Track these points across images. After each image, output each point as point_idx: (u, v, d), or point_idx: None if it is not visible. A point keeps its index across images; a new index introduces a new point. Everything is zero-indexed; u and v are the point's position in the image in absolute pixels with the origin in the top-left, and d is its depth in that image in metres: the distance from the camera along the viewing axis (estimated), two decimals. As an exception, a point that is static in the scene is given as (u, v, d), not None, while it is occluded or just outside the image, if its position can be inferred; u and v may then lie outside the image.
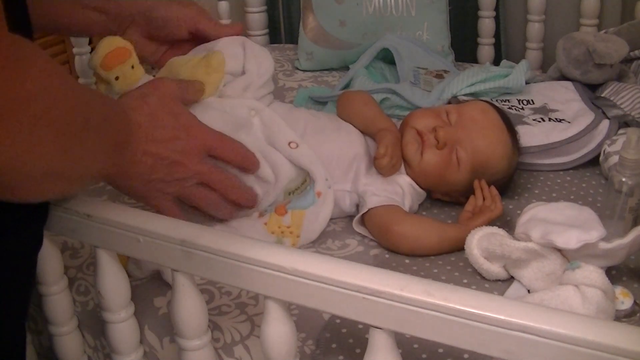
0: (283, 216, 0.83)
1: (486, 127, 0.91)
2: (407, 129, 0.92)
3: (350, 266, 0.55)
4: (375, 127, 0.91)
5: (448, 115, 0.92)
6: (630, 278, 0.78)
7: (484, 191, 0.87)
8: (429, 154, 0.89)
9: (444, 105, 0.97)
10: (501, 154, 0.91)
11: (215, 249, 0.59)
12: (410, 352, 0.68)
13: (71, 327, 0.80)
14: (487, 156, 0.90)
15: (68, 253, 0.88)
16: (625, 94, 1.10)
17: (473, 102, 0.98)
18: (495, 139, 0.91)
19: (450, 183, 0.90)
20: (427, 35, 1.41)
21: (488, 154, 0.90)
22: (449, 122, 0.91)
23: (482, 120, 0.92)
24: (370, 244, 0.87)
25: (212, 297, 0.78)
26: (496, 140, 0.91)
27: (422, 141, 0.90)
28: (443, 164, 0.89)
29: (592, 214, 0.76)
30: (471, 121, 0.91)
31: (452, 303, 0.50)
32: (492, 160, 0.90)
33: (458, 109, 0.94)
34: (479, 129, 0.91)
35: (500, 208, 0.85)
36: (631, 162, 0.80)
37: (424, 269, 0.81)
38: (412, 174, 0.91)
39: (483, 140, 0.90)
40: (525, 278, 0.77)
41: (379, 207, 0.85)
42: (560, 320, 0.48)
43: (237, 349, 0.73)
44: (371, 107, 0.96)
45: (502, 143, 0.91)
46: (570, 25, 1.40)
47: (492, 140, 0.91)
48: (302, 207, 0.84)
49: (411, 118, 0.94)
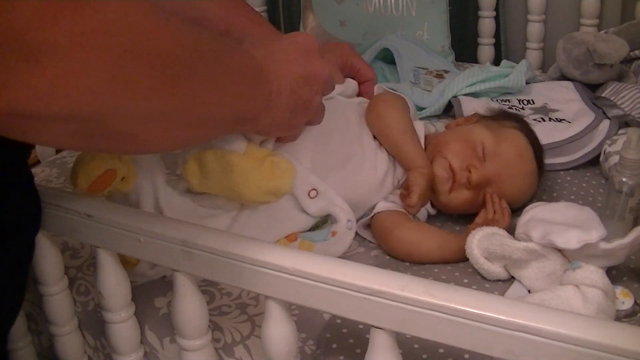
0: (292, 242, 0.81)
1: (519, 173, 0.89)
2: (439, 158, 0.88)
3: (351, 266, 0.55)
4: (409, 164, 0.88)
5: (484, 149, 0.88)
6: (630, 278, 0.78)
7: (494, 204, 0.86)
8: (457, 193, 0.87)
9: (481, 133, 0.90)
10: (528, 195, 0.91)
11: (216, 249, 0.59)
12: (410, 352, 0.68)
13: (71, 327, 0.80)
14: (512, 198, 0.88)
15: (68, 253, 0.88)
16: (626, 94, 1.10)
17: (512, 136, 0.91)
18: (526, 186, 0.90)
19: (469, 213, 0.89)
20: (427, 35, 1.41)
21: (515, 198, 0.89)
22: (483, 157, 0.88)
23: (517, 165, 0.89)
24: (370, 245, 0.87)
25: (213, 297, 0.78)
26: (526, 187, 0.90)
27: (453, 179, 0.87)
28: (469, 202, 0.88)
29: (592, 214, 0.76)
30: (506, 164, 0.88)
31: (452, 303, 0.50)
32: (517, 200, 0.89)
33: (496, 142, 0.89)
34: (512, 176, 0.88)
35: (507, 222, 0.84)
36: (631, 162, 0.80)
37: (424, 269, 0.81)
38: (434, 202, 0.90)
39: (513, 187, 0.88)
40: (525, 278, 0.77)
41: (384, 211, 0.85)
42: (560, 320, 0.48)
43: (238, 349, 0.73)
44: (406, 137, 0.89)
45: (531, 186, 0.91)
46: (570, 25, 1.39)
47: (523, 187, 0.90)
48: (313, 240, 0.81)
49: (446, 147, 0.89)
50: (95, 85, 0.43)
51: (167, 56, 0.48)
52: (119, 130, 0.48)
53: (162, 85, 0.48)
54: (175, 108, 0.51)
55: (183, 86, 0.50)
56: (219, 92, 0.55)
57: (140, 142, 0.53)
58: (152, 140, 0.53)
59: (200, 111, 0.54)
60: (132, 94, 0.46)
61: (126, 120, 0.48)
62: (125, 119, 0.48)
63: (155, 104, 0.48)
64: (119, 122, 0.47)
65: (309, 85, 0.69)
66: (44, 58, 0.39)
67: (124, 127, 0.48)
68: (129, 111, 0.47)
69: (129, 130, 0.49)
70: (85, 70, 0.41)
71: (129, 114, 0.47)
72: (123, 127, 0.48)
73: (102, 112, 0.45)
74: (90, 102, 0.43)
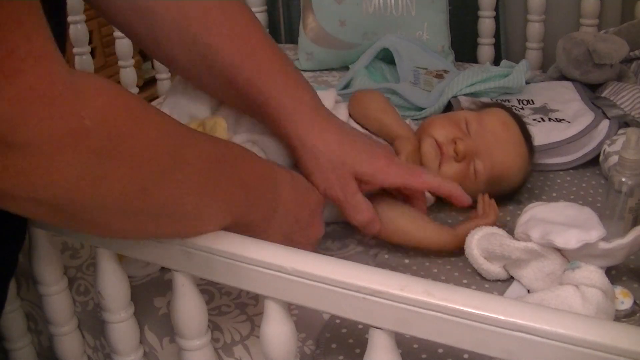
0: None
1: (506, 141, 0.90)
2: (425, 137, 0.89)
3: (350, 266, 0.55)
4: (393, 134, 0.89)
5: (468, 124, 0.90)
6: (630, 278, 0.78)
7: (484, 202, 0.86)
8: (447, 166, 0.88)
9: (464, 112, 0.94)
10: (519, 167, 0.91)
11: (215, 249, 0.59)
12: (410, 352, 0.68)
13: (71, 327, 0.80)
14: (504, 170, 0.89)
15: (68, 253, 0.88)
16: (625, 94, 1.10)
17: (494, 111, 0.95)
18: (515, 154, 0.90)
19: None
20: (427, 35, 1.41)
21: (506, 168, 0.89)
22: (468, 133, 0.89)
23: (502, 134, 0.90)
24: (370, 244, 0.87)
25: (212, 297, 0.78)
26: (515, 155, 0.90)
27: (441, 153, 0.88)
28: (460, 176, 0.87)
29: (592, 214, 0.76)
30: (492, 134, 0.89)
31: (452, 303, 0.50)
32: (509, 173, 0.90)
33: (478, 118, 0.91)
34: (499, 143, 0.89)
35: (492, 218, 0.84)
36: (631, 162, 0.80)
37: (423, 268, 0.81)
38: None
39: (502, 154, 0.89)
40: (525, 278, 0.77)
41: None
42: (560, 320, 0.48)
43: (237, 349, 0.73)
44: (388, 113, 0.92)
45: (521, 157, 0.91)
46: (570, 25, 1.40)
47: (512, 155, 0.90)
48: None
49: (430, 126, 0.91)
50: (67, 180, 0.44)
51: (143, 158, 0.49)
52: (89, 219, 0.50)
53: (135, 185, 0.49)
54: (150, 207, 0.52)
55: (159, 188, 0.51)
56: (211, 193, 0.56)
57: (113, 231, 0.54)
58: (126, 231, 0.54)
59: (187, 206, 0.55)
60: (104, 191, 0.47)
61: (98, 213, 0.49)
62: (97, 212, 0.49)
63: (128, 202, 0.50)
64: (90, 214, 0.49)
65: (304, 233, 0.71)
66: (19, 151, 0.41)
67: (96, 218, 0.50)
68: (100, 206, 0.48)
69: (101, 221, 0.51)
70: (58, 166, 0.43)
71: (100, 208, 0.48)
72: (94, 218, 0.50)
73: (73, 204, 0.47)
74: (60, 195, 0.45)
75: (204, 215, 0.57)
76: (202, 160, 0.56)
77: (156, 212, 0.53)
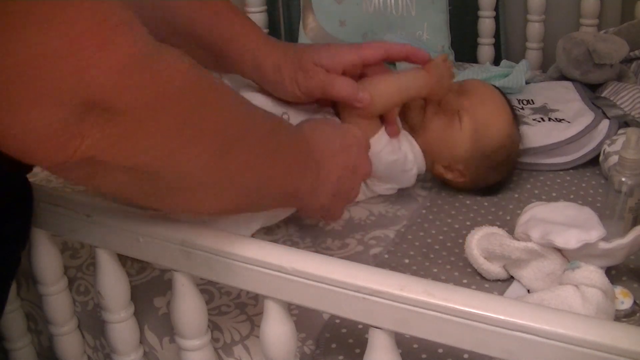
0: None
1: (488, 94, 0.93)
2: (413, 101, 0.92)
3: (349, 266, 0.55)
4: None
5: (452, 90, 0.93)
6: (630, 278, 0.78)
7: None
8: (431, 110, 0.91)
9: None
10: (503, 120, 0.92)
11: (215, 249, 0.59)
12: (409, 352, 0.68)
13: (71, 327, 0.80)
14: (489, 118, 0.91)
15: (68, 253, 0.88)
16: (625, 94, 1.10)
17: (473, 79, 0.99)
18: (498, 104, 0.93)
19: (452, 146, 0.91)
20: (427, 35, 1.41)
21: (490, 117, 0.92)
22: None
23: (483, 89, 0.94)
24: (369, 244, 0.87)
25: (212, 297, 0.78)
26: (499, 105, 0.93)
27: (425, 104, 0.91)
28: (445, 121, 0.90)
29: (592, 213, 0.76)
30: (473, 90, 0.92)
31: (452, 303, 0.50)
32: (494, 124, 0.92)
33: (458, 84, 0.94)
34: (481, 96, 0.92)
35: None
36: (631, 162, 0.80)
37: (423, 268, 0.81)
38: (414, 136, 0.92)
39: (485, 105, 0.92)
40: (525, 278, 0.77)
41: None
42: (560, 320, 0.48)
43: (237, 349, 0.73)
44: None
45: (504, 109, 0.93)
46: (570, 25, 1.40)
47: (494, 105, 0.93)
48: None
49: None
50: (160, 145, 0.46)
51: (223, 124, 0.52)
52: (175, 186, 0.52)
53: (215, 150, 0.51)
54: (228, 173, 0.54)
55: (236, 153, 0.54)
56: (269, 165, 0.60)
57: (194, 201, 0.55)
58: (204, 201, 0.56)
59: (250, 180, 0.57)
60: (187, 155, 0.49)
61: (184, 178, 0.51)
62: (183, 178, 0.51)
63: (209, 166, 0.52)
64: (177, 179, 0.51)
65: (355, 176, 0.75)
66: (119, 117, 0.42)
67: (181, 184, 0.52)
68: (186, 170, 0.50)
69: (185, 187, 0.52)
70: (152, 131, 0.45)
71: (187, 173, 0.51)
72: (180, 184, 0.52)
73: (163, 168, 0.49)
74: (151, 160, 0.47)
75: (273, 187, 0.62)
76: (268, 130, 0.59)
77: (234, 178, 0.55)
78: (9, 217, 0.63)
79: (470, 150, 0.90)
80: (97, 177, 0.48)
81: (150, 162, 0.47)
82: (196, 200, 0.55)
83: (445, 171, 0.94)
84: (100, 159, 0.44)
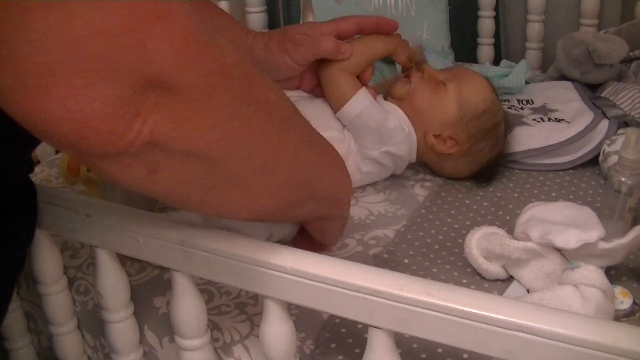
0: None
1: (470, 74, 1.00)
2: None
3: (349, 266, 0.55)
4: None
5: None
6: (629, 278, 0.78)
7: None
8: (415, 80, 0.95)
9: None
10: (485, 87, 0.97)
11: (215, 249, 0.59)
12: (409, 351, 0.68)
13: (71, 327, 0.80)
14: (472, 85, 0.96)
15: (68, 253, 0.88)
16: (625, 94, 1.10)
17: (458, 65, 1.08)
18: (479, 79, 0.98)
19: (439, 110, 0.94)
20: (427, 35, 1.41)
21: (473, 84, 0.97)
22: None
23: (465, 70, 1.02)
24: (369, 244, 0.87)
25: (212, 296, 0.78)
26: (480, 80, 0.98)
27: (409, 75, 0.97)
28: (431, 89, 0.95)
29: (591, 213, 0.76)
30: (457, 68, 1.01)
31: (451, 303, 0.50)
32: (477, 89, 0.96)
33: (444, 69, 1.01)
34: (463, 72, 1.00)
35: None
36: (630, 162, 0.80)
37: (423, 268, 0.81)
38: (402, 106, 0.95)
39: (467, 77, 0.98)
40: (524, 278, 0.77)
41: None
42: (559, 320, 0.48)
43: (237, 348, 0.73)
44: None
45: (486, 84, 0.98)
46: (570, 25, 1.39)
47: (476, 78, 0.98)
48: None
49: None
50: (221, 124, 0.45)
51: (274, 105, 0.51)
52: (234, 177, 0.50)
53: (271, 131, 0.50)
54: (283, 159, 0.53)
55: (288, 136, 0.53)
56: (318, 153, 0.60)
57: (251, 196, 0.53)
58: (260, 195, 0.54)
59: (302, 169, 0.57)
60: (246, 135, 0.47)
61: (243, 165, 0.49)
62: (242, 164, 0.49)
63: (266, 150, 0.51)
64: (235, 168, 0.49)
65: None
66: (180, 94, 0.41)
67: (240, 174, 0.50)
68: (245, 155, 0.49)
69: (243, 179, 0.50)
70: (213, 108, 0.43)
71: (245, 158, 0.49)
72: (239, 174, 0.50)
73: (222, 153, 0.47)
74: (211, 143, 0.45)
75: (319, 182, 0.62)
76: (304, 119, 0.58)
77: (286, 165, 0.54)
78: (11, 217, 0.63)
79: (457, 112, 0.94)
80: (158, 171, 0.45)
81: (210, 146, 0.45)
82: (253, 194, 0.53)
83: (437, 142, 0.95)
84: (160, 144, 0.42)
